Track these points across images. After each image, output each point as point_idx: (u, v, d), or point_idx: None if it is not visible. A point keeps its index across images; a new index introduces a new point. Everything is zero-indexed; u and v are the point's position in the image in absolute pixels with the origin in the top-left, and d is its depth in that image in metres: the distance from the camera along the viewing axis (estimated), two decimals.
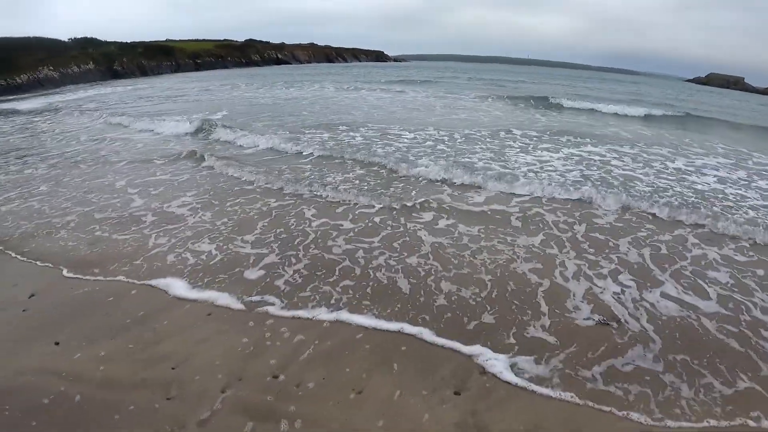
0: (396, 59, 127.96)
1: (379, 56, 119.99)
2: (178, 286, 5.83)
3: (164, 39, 71.57)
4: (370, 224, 7.94)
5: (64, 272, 6.17)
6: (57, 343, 4.64)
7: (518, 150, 14.05)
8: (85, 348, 4.59)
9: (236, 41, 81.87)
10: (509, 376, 4.34)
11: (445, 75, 56.37)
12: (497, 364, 4.47)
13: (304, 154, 12.80)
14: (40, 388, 4.09)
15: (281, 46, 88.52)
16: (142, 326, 4.94)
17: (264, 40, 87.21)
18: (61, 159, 12.87)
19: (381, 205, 8.75)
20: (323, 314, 5.29)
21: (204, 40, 78.64)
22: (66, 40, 56.11)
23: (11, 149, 14.59)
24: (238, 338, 4.79)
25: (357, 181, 10.27)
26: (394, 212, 8.42)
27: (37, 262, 6.49)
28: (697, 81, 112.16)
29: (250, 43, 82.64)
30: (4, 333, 4.85)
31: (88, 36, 59.11)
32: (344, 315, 5.28)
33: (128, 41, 62.66)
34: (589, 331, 5.09)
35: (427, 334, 4.92)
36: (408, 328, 5.01)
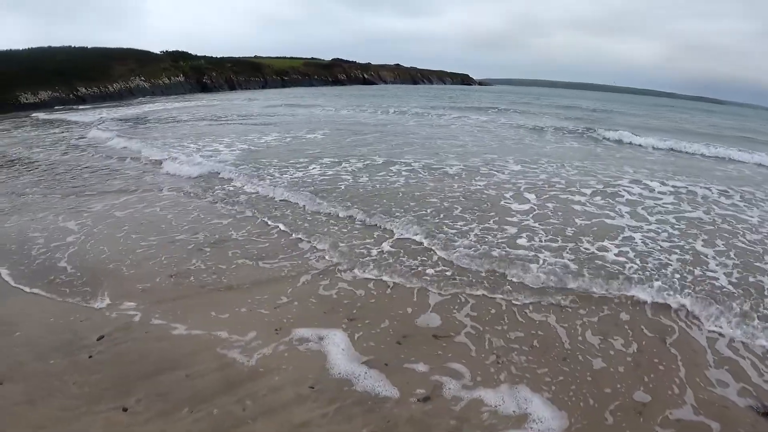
0: (481, 83, 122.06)
1: (464, 79, 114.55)
2: None
3: (252, 55, 69.04)
4: None
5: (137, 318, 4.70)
6: (125, 410, 3.52)
7: None
8: (156, 420, 3.41)
9: (323, 60, 78.62)
10: None
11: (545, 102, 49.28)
12: None
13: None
14: None
15: (367, 66, 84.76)
16: (228, 396, 3.61)
17: (350, 59, 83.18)
18: None
19: None
20: None
21: (291, 58, 75.98)
22: (158, 52, 54.32)
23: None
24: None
25: None
26: None
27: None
28: None
29: (337, 62, 79.40)
30: (65, 384, 3.80)
31: (180, 49, 56.90)
32: None
33: (217, 56, 59.83)
34: None
35: None
36: None
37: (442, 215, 7.94)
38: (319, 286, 5.54)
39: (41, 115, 27.80)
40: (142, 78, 48.44)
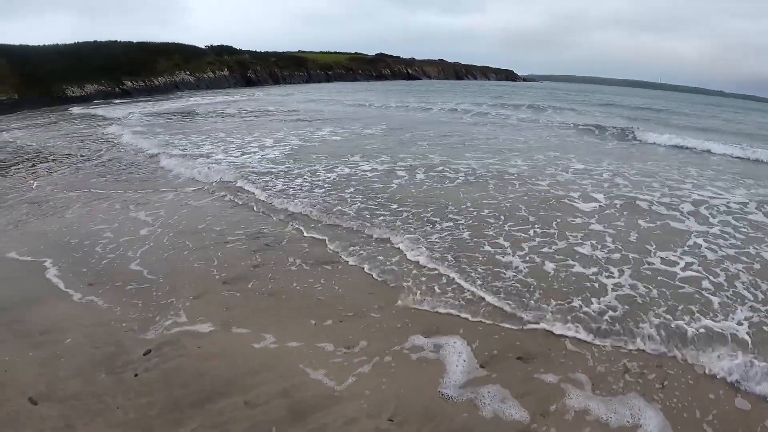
0: (525, 79, 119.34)
1: (508, 75, 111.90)
2: None
3: (296, 50, 68.67)
4: None
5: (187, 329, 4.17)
6: None
7: None
8: None
9: (367, 55, 77.68)
10: None
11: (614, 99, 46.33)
12: None
13: None
14: None
15: (411, 62, 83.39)
16: (295, 429, 3.08)
17: (394, 54, 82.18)
18: None
19: None
20: None
21: (335, 53, 75.28)
22: (203, 47, 53.89)
23: None
24: None
25: None
26: None
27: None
28: None
29: (381, 57, 78.19)
30: (108, 408, 3.26)
31: (224, 44, 56.58)
32: None
33: (261, 51, 59.78)
34: None
35: None
36: None
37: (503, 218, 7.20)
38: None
39: (75, 110, 26.83)
40: (187, 72, 48.24)
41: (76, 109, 26.97)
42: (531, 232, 6.62)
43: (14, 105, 33.71)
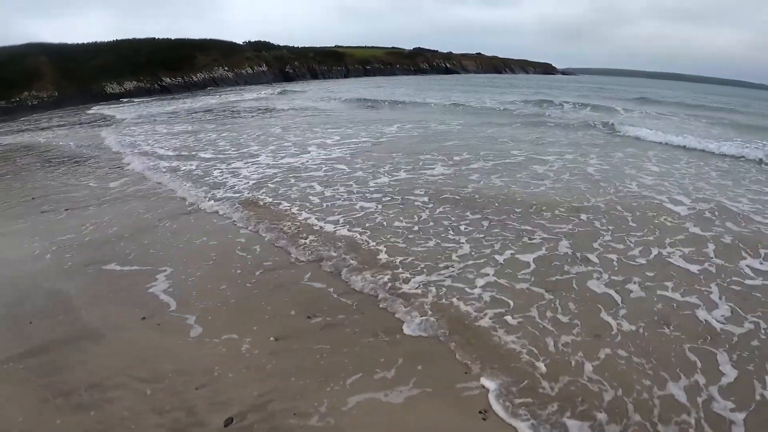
0: (563, 72, 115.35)
1: (546, 69, 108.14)
2: None
3: (333, 45, 66.93)
4: None
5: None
6: None
7: None
8: None
9: (404, 49, 75.41)
10: None
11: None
12: None
13: None
14: None
15: (449, 56, 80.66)
16: None
17: (432, 48, 79.70)
18: None
19: None
20: None
21: (372, 47, 73.32)
22: (241, 42, 52.49)
23: None
24: None
25: None
26: None
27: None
28: None
29: (419, 52, 75.75)
30: None
31: (262, 39, 55.15)
32: None
33: (299, 46, 58.22)
34: None
35: None
36: None
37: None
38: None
39: (94, 109, 25.08)
40: (226, 68, 46.88)
41: (95, 108, 25.26)
42: None
43: (55, 102, 32.90)
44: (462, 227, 5.84)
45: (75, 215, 6.56)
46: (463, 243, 5.32)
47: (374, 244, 5.33)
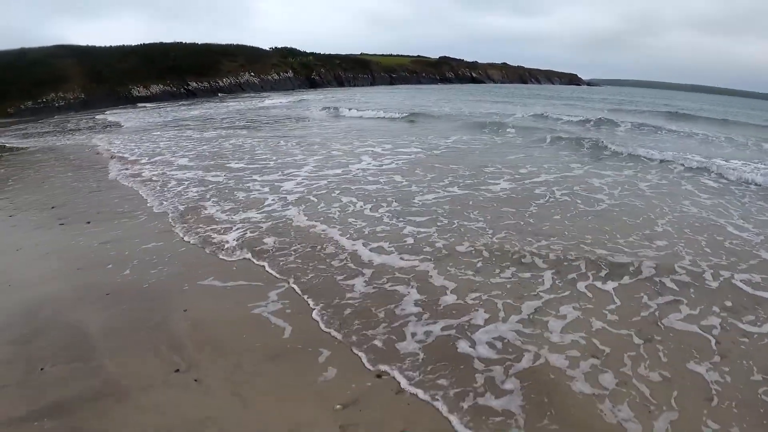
0: (589, 83, 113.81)
1: (572, 79, 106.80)
2: None
3: (359, 53, 66.42)
4: None
5: None
6: None
7: None
8: None
9: (430, 58, 74.68)
10: None
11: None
12: None
13: None
14: None
15: (474, 65, 79.73)
16: None
17: (457, 57, 78.85)
18: None
19: None
20: None
21: (397, 55, 72.73)
22: (267, 48, 52.15)
23: None
24: None
25: None
26: None
27: None
28: None
29: (445, 60, 74.97)
30: None
31: (288, 46, 54.83)
32: None
33: (325, 53, 57.79)
34: None
35: None
36: None
37: None
38: None
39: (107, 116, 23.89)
40: (252, 73, 46.49)
41: (108, 116, 24.51)
42: None
43: (82, 104, 32.69)
44: None
45: (98, 228, 5.59)
46: None
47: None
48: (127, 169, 8.88)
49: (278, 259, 4.61)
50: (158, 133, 14.43)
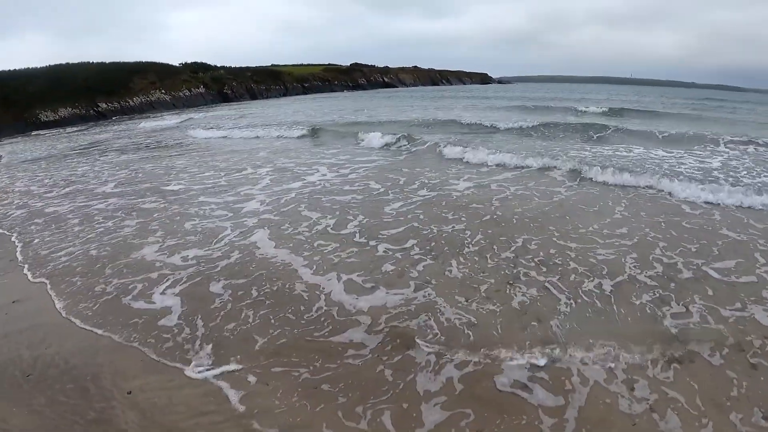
0: (500, 81, 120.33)
1: (483, 78, 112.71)
2: None
3: (269, 64, 68.31)
4: None
5: None
6: None
7: None
8: None
9: (342, 65, 77.63)
10: None
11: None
12: None
13: None
14: None
15: (386, 70, 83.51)
16: None
17: (369, 63, 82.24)
18: None
19: None
20: None
21: (309, 65, 75.25)
22: (177, 64, 53.40)
23: None
24: None
25: None
26: None
27: None
28: None
29: (356, 67, 78.19)
30: None
31: (199, 61, 56.36)
32: None
33: (237, 66, 59.43)
34: None
35: None
36: None
37: None
38: None
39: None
40: (163, 91, 47.53)
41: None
42: None
43: None
44: None
45: None
46: None
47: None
48: None
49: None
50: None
